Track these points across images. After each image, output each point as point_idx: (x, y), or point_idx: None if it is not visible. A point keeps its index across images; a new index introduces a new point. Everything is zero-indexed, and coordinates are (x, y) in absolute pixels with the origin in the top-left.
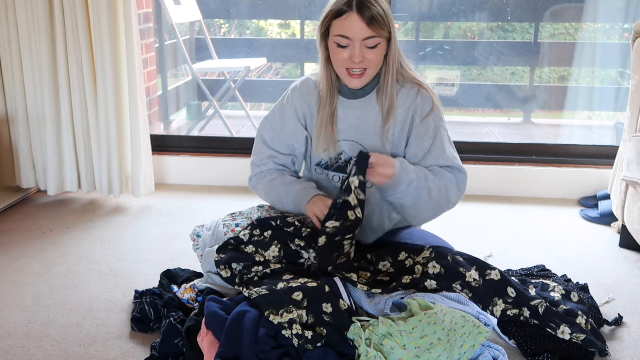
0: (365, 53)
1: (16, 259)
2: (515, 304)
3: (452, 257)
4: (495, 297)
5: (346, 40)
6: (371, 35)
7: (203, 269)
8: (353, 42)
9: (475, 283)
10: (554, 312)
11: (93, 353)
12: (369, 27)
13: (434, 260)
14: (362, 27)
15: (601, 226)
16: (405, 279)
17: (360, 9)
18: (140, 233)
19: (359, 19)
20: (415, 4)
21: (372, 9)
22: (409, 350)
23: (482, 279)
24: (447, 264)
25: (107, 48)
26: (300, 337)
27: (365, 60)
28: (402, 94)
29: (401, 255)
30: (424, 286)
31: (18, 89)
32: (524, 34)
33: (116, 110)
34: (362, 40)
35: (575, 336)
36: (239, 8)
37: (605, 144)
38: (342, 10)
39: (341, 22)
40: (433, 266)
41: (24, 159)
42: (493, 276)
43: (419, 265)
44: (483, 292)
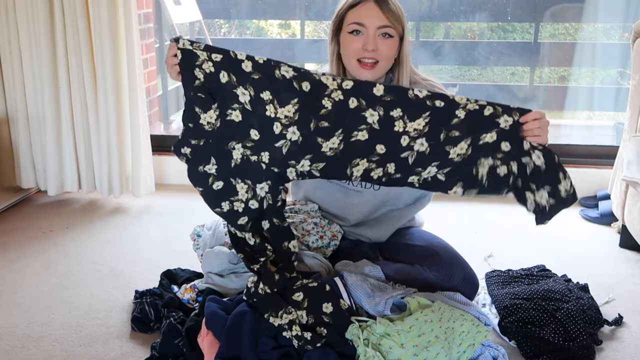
0: (379, 43)
1: (16, 259)
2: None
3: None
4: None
5: (361, 27)
6: (386, 24)
7: (203, 269)
8: (367, 29)
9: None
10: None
11: (93, 353)
12: (385, 15)
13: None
14: (378, 15)
15: (601, 226)
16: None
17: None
18: (140, 233)
19: (376, 7)
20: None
21: (388, 1)
22: (407, 348)
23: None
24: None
25: (107, 48)
26: (300, 339)
27: (378, 50)
28: None
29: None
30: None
31: (18, 89)
32: (524, 34)
33: (116, 110)
34: (377, 28)
35: (549, 200)
36: (239, 8)
37: (605, 144)
38: (358, 1)
39: (357, 11)
40: (421, 143)
41: (24, 159)
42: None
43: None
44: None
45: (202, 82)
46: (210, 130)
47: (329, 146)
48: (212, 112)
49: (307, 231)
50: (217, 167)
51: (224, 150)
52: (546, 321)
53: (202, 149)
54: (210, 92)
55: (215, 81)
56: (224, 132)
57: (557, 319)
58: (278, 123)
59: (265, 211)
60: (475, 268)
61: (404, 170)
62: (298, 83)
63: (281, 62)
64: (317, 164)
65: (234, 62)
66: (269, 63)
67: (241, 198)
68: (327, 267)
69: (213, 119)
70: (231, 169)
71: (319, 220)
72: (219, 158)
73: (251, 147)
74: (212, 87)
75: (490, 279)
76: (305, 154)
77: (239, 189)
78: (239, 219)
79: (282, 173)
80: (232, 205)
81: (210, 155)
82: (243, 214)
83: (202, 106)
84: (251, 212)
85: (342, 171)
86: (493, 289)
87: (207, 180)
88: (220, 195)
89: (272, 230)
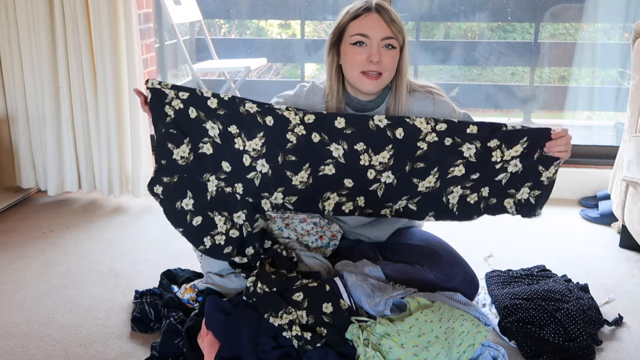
0: (382, 54)
1: (16, 259)
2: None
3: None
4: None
5: (365, 38)
6: (390, 35)
7: (203, 269)
8: (371, 40)
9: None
10: (518, 176)
11: (93, 353)
12: (388, 26)
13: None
14: (382, 26)
15: (601, 226)
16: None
17: (380, 10)
18: (140, 233)
19: (379, 18)
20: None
21: (390, 12)
22: (407, 349)
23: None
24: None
25: (107, 48)
26: (300, 339)
27: (382, 62)
28: (413, 104)
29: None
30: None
31: (18, 89)
32: (524, 34)
33: (116, 110)
34: (381, 39)
35: (532, 193)
36: (239, 8)
37: (605, 144)
38: (360, 12)
39: (359, 22)
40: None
41: (24, 159)
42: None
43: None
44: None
45: (173, 118)
46: (184, 164)
47: (298, 180)
48: (184, 146)
49: (306, 231)
50: (193, 201)
51: (199, 183)
52: (546, 321)
53: (176, 185)
54: (180, 127)
55: (185, 117)
56: (197, 166)
57: (557, 319)
58: (247, 155)
59: (247, 238)
60: (475, 268)
61: (374, 203)
62: (262, 117)
63: (245, 99)
64: (290, 197)
65: (200, 99)
66: (234, 100)
67: (221, 231)
68: (326, 267)
69: (186, 153)
70: (207, 202)
71: (318, 220)
72: (195, 191)
73: (224, 179)
74: (182, 123)
75: (490, 279)
76: (277, 187)
77: (217, 222)
78: (224, 250)
79: (256, 204)
80: (213, 240)
81: (186, 189)
82: (226, 245)
83: (174, 141)
84: (233, 240)
85: (314, 205)
86: (493, 289)
87: (186, 218)
88: (201, 232)
89: (254, 256)
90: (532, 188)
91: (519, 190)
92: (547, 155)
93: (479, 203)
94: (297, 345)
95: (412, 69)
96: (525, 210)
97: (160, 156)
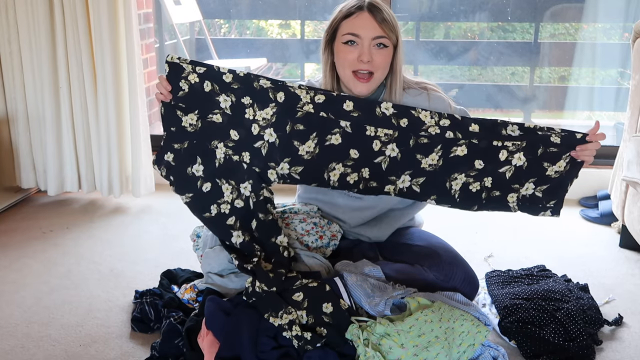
0: (374, 54)
1: (16, 259)
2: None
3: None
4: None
5: (356, 37)
6: (381, 34)
7: (203, 269)
8: (362, 40)
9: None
10: (523, 171)
11: (93, 353)
12: (379, 25)
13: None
14: (373, 26)
15: (601, 226)
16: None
17: (372, 9)
18: (140, 233)
19: (370, 17)
20: (415, 4)
21: (382, 12)
22: (407, 349)
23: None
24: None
25: (107, 48)
26: (300, 339)
27: (373, 61)
28: (408, 100)
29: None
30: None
31: (18, 89)
32: (524, 34)
33: (116, 110)
34: (372, 39)
35: (538, 189)
36: (239, 8)
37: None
38: (352, 11)
39: (351, 21)
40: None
41: (24, 159)
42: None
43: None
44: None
45: (186, 92)
46: (193, 131)
47: (305, 149)
48: (192, 114)
49: (306, 231)
50: (203, 167)
51: (208, 149)
52: (546, 321)
53: (186, 151)
54: (191, 103)
55: (198, 91)
56: (206, 132)
57: (557, 319)
58: (256, 125)
59: (252, 210)
60: (475, 268)
61: (379, 177)
62: (274, 93)
63: (260, 76)
64: (296, 167)
65: (216, 73)
66: (249, 76)
67: (227, 200)
68: (326, 267)
69: (194, 120)
70: (216, 168)
71: (318, 220)
72: (204, 157)
73: (232, 147)
74: (194, 98)
75: (490, 279)
76: (283, 157)
77: (224, 190)
78: (227, 220)
79: (262, 174)
80: (219, 208)
81: (196, 155)
82: (230, 215)
83: (183, 110)
84: (238, 210)
85: (320, 175)
86: (493, 289)
87: (196, 184)
88: (210, 198)
89: (259, 227)
90: (538, 183)
91: (523, 186)
92: (552, 151)
93: (480, 192)
94: (297, 345)
95: (412, 69)
96: (530, 206)
97: (169, 124)
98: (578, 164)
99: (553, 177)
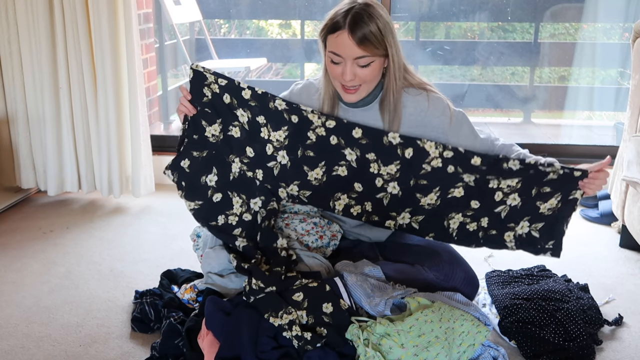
0: (357, 71)
1: (16, 259)
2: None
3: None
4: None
5: (338, 57)
6: (362, 54)
7: (203, 269)
8: (344, 59)
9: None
10: (517, 210)
11: (93, 353)
12: (359, 46)
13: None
14: (352, 47)
15: (601, 226)
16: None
17: (353, 28)
18: (140, 233)
19: (349, 39)
20: (415, 4)
21: (364, 28)
22: (407, 349)
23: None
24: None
25: (107, 48)
26: (300, 339)
27: (357, 77)
28: (407, 99)
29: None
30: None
31: (18, 89)
32: (524, 34)
33: (116, 110)
34: (353, 59)
35: (534, 227)
36: (239, 8)
37: (605, 144)
38: (335, 27)
39: (334, 39)
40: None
41: (24, 159)
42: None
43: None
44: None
45: (210, 99)
46: (214, 142)
47: (313, 176)
48: (216, 125)
49: (306, 231)
50: (217, 178)
51: (225, 162)
52: (546, 321)
53: (204, 160)
54: (215, 108)
55: (219, 100)
56: (225, 145)
57: (557, 319)
58: (270, 145)
59: (259, 224)
60: (475, 268)
61: (380, 211)
62: (288, 115)
63: (276, 97)
64: (304, 191)
65: (236, 88)
66: (266, 95)
67: (235, 212)
68: (326, 267)
69: (217, 131)
70: (230, 181)
71: (318, 220)
72: (220, 169)
73: (247, 164)
74: (217, 105)
75: (490, 279)
76: (293, 179)
77: (235, 203)
78: (233, 231)
79: (274, 190)
80: (227, 218)
81: (213, 165)
82: (237, 226)
83: (208, 120)
84: (244, 223)
85: (326, 202)
86: (493, 289)
87: (207, 193)
88: (218, 209)
89: (262, 236)
90: (532, 221)
91: (519, 224)
92: (545, 191)
93: (477, 232)
94: (297, 345)
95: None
96: (528, 246)
97: (192, 132)
98: (571, 202)
99: (546, 215)
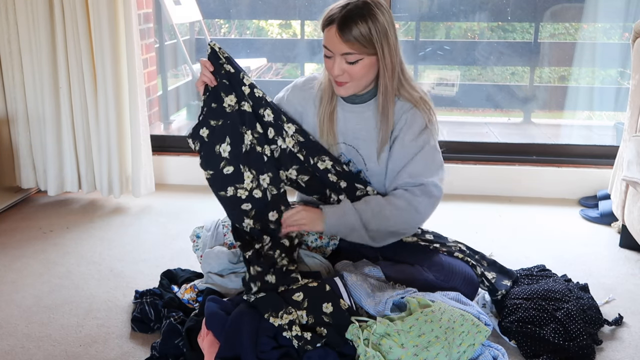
0: (345, 67)
1: (16, 259)
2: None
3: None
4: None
5: (328, 51)
6: (348, 51)
7: (203, 269)
8: (333, 54)
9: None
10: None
11: (93, 353)
12: (345, 43)
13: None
14: (339, 42)
15: (601, 226)
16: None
17: (341, 25)
18: (140, 233)
19: (337, 35)
20: (415, 4)
21: (352, 26)
22: (407, 348)
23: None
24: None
25: (107, 48)
26: (300, 339)
27: (345, 73)
28: (397, 106)
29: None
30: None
31: (18, 89)
32: (524, 34)
33: (116, 110)
34: (341, 54)
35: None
36: (239, 8)
37: (605, 143)
38: (329, 21)
39: (327, 33)
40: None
41: (24, 159)
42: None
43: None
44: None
45: (227, 72)
46: (230, 112)
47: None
48: (232, 96)
49: (306, 231)
50: (230, 148)
51: (238, 132)
52: (546, 321)
53: (219, 129)
54: (230, 82)
55: (231, 77)
56: (239, 116)
57: (557, 318)
58: (272, 128)
59: (271, 202)
60: None
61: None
62: (267, 127)
63: (268, 106)
64: (302, 176)
65: (238, 81)
66: (260, 100)
67: (246, 187)
68: (326, 266)
69: (233, 102)
70: (242, 153)
71: None
72: (234, 139)
73: (257, 138)
74: (231, 79)
75: None
76: (292, 164)
77: (245, 177)
78: (242, 205)
79: (278, 169)
80: (236, 191)
81: (226, 134)
82: (246, 201)
83: (225, 91)
84: (255, 200)
85: (322, 191)
86: None
87: (219, 164)
88: (228, 181)
89: (278, 222)
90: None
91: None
92: None
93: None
94: (297, 345)
95: (412, 69)
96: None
97: (211, 100)
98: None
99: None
